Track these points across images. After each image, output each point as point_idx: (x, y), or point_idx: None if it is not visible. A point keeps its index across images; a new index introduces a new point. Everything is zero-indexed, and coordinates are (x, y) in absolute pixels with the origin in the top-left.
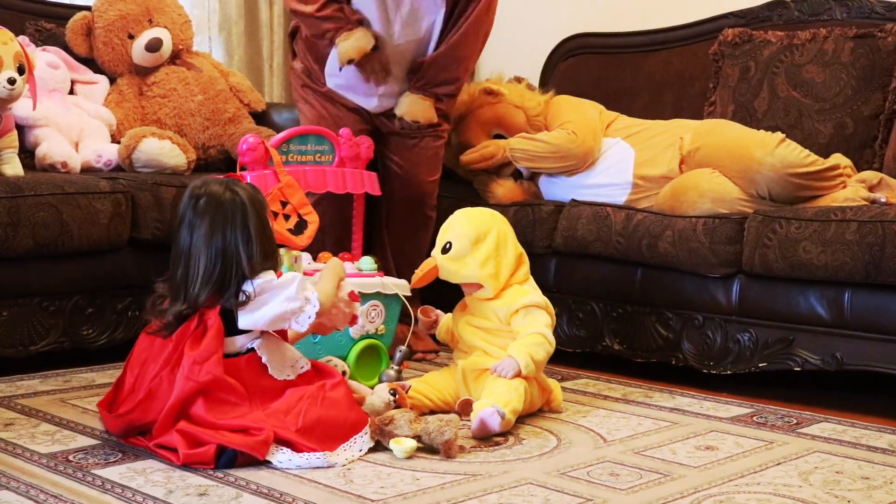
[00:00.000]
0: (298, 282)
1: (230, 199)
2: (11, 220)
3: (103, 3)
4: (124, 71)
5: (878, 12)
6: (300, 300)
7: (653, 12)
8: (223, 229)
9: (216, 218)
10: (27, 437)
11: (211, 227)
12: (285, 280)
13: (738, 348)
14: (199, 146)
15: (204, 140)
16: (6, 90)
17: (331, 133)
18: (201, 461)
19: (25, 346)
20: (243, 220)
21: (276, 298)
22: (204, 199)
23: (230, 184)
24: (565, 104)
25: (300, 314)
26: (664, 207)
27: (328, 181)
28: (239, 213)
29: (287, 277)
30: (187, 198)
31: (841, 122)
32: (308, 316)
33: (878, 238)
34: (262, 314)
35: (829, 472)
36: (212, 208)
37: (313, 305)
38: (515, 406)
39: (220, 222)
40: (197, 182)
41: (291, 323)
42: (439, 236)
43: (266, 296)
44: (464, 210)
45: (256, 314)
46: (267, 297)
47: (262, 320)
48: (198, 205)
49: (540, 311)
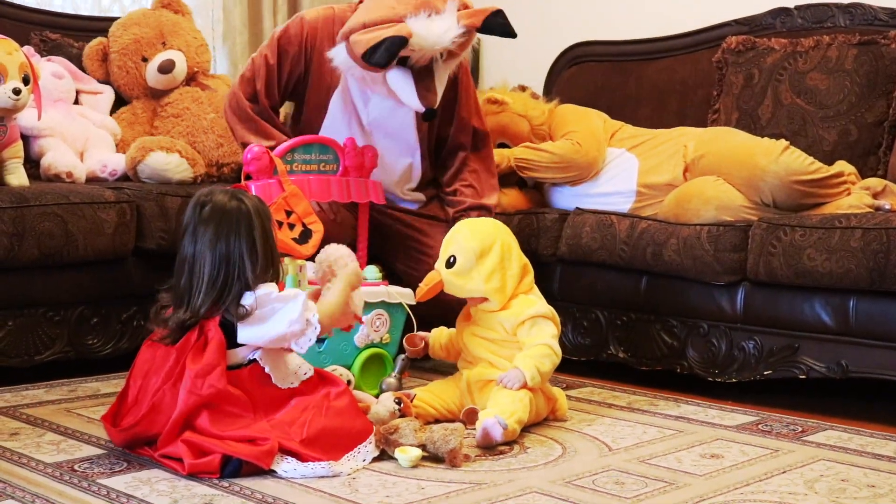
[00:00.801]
0: (302, 303)
1: (235, 208)
2: (17, 231)
3: (118, 28)
4: (139, 94)
5: (881, 19)
6: (302, 322)
7: (656, 20)
8: (227, 237)
9: (221, 225)
10: (32, 447)
11: (216, 234)
12: (287, 297)
13: (743, 356)
14: (213, 163)
15: (217, 157)
16: (11, 100)
17: (335, 142)
18: (207, 471)
19: (31, 356)
20: (248, 228)
21: (278, 317)
22: (209, 207)
23: (235, 193)
24: (569, 113)
25: (301, 337)
26: (668, 215)
27: (332, 190)
28: (244, 221)
29: (289, 294)
30: (192, 206)
31: (845, 130)
32: (309, 339)
33: (882, 245)
34: (262, 332)
35: (834, 480)
36: (217, 216)
37: (314, 328)
38: (520, 416)
39: (225, 230)
40: (202, 191)
41: (292, 344)
42: (442, 249)
43: (266, 311)
44: (466, 222)
45: (257, 331)
46: (267, 313)
47: (262, 339)
48: (202, 213)
49: (546, 322)
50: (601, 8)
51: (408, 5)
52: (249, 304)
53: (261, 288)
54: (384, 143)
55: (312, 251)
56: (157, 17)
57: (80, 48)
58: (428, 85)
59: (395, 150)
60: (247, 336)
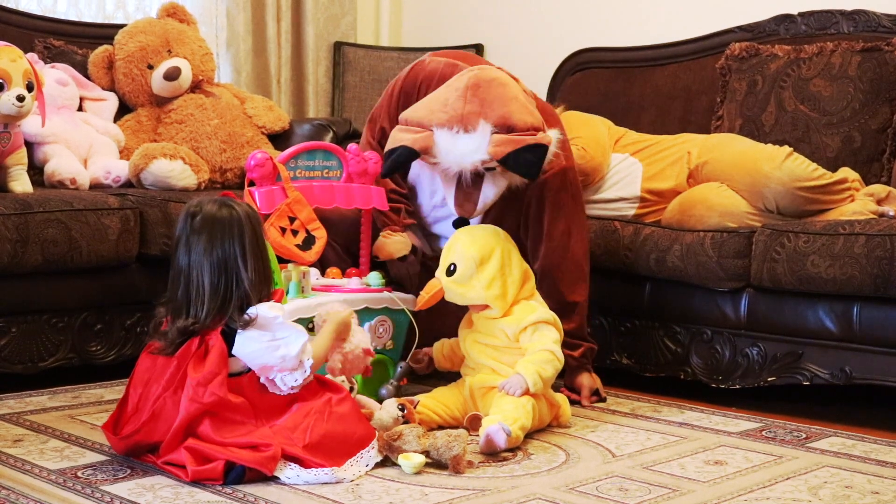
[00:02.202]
0: (302, 344)
1: (227, 215)
2: (20, 237)
3: (124, 36)
4: (145, 102)
5: (884, 26)
6: (295, 363)
7: (660, 27)
8: (222, 244)
9: (214, 233)
10: (36, 454)
11: (209, 242)
12: (290, 331)
13: (747, 362)
14: (216, 169)
15: (221, 163)
16: (15, 107)
17: (339, 149)
18: (210, 477)
19: (34, 363)
20: (240, 234)
21: (273, 347)
22: (200, 217)
23: (225, 201)
24: (574, 120)
25: (287, 375)
26: (672, 221)
27: (336, 196)
28: (236, 227)
29: (292, 330)
30: (183, 218)
31: (848, 136)
32: (295, 380)
33: (886, 252)
34: (253, 354)
35: (838, 487)
36: (209, 225)
37: (305, 372)
38: (524, 423)
39: (219, 237)
40: (192, 202)
41: (276, 379)
42: (443, 257)
43: (266, 335)
44: (466, 229)
45: (250, 349)
46: (263, 337)
47: (250, 359)
48: (193, 223)
49: (548, 328)
50: (605, 14)
51: (445, 115)
52: (252, 315)
53: (265, 308)
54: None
55: (315, 258)
56: (162, 26)
57: (84, 55)
58: (469, 195)
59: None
60: (239, 349)
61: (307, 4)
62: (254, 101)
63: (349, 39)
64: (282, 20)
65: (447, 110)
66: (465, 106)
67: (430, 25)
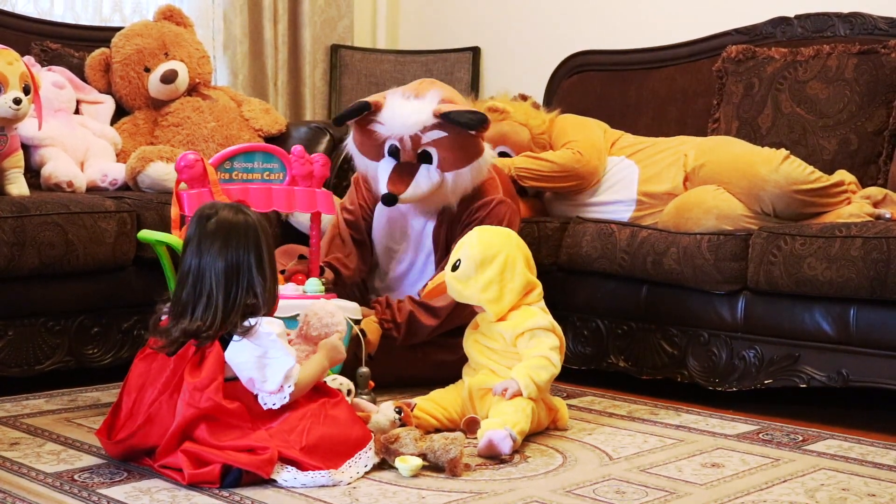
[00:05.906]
0: (287, 370)
1: (242, 222)
2: (17, 240)
3: (120, 39)
4: (141, 105)
5: (881, 28)
6: (276, 387)
7: (656, 29)
8: (237, 250)
9: (229, 238)
10: (33, 457)
11: (224, 246)
12: (280, 353)
13: (744, 365)
14: None
15: None
16: (12, 110)
17: (281, 151)
18: (207, 480)
19: (31, 366)
20: (256, 242)
21: (260, 365)
22: (214, 221)
23: (240, 207)
24: (570, 123)
25: (267, 396)
26: (669, 224)
27: (274, 200)
28: (252, 235)
29: (280, 356)
30: (196, 220)
31: (845, 139)
32: (273, 403)
33: (883, 254)
34: (243, 365)
35: (835, 490)
36: (224, 229)
37: (284, 398)
38: (523, 427)
39: (234, 243)
40: (205, 205)
41: (259, 396)
42: (453, 252)
43: (257, 349)
44: (480, 228)
45: (241, 359)
46: (255, 351)
47: (238, 368)
48: (207, 226)
49: (546, 334)
50: (602, 17)
51: (405, 88)
52: (252, 324)
53: (266, 321)
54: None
55: None
56: (159, 29)
57: (81, 58)
58: (404, 178)
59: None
60: (231, 359)
61: (304, 7)
62: (251, 104)
63: (346, 42)
64: (278, 23)
65: (405, 87)
66: (420, 84)
67: (427, 29)
